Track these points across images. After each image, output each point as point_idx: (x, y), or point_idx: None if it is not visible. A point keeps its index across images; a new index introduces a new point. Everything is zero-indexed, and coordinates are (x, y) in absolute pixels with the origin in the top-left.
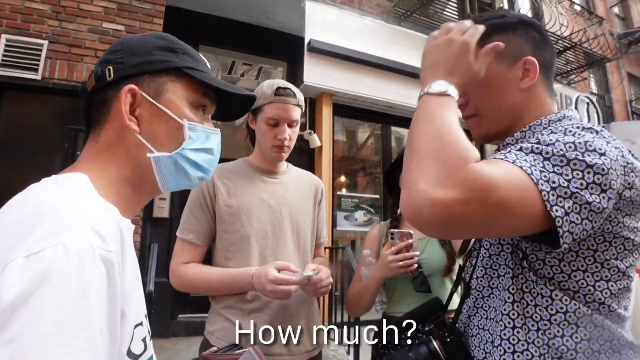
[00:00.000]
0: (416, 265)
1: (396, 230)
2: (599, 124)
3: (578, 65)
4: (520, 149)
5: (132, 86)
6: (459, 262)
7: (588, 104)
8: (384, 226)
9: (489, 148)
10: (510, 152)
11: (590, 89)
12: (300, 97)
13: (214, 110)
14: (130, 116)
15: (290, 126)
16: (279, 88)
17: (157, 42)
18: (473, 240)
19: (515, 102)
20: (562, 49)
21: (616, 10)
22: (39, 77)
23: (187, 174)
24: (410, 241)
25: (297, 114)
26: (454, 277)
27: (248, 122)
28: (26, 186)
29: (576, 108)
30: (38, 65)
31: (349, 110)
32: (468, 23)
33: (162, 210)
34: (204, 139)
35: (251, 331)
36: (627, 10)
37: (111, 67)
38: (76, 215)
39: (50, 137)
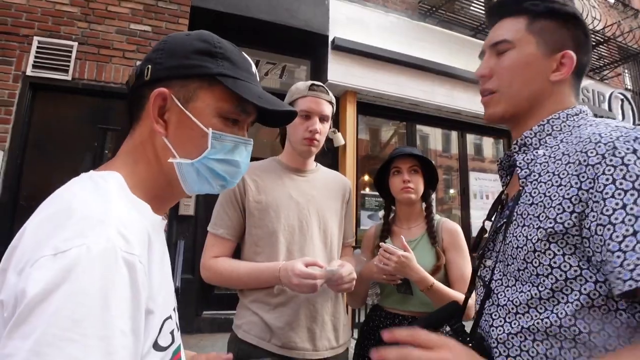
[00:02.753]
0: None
1: (390, 246)
2: (634, 121)
3: (611, 60)
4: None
5: (163, 89)
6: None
7: (622, 100)
8: (379, 226)
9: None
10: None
11: (624, 84)
12: (332, 96)
13: (251, 118)
14: (159, 119)
15: (321, 120)
16: (312, 84)
17: (197, 44)
18: (485, 238)
19: (540, 91)
20: (594, 43)
21: None
22: (69, 78)
23: (209, 181)
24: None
25: (328, 109)
26: (440, 280)
27: None
28: (57, 183)
29: (609, 104)
30: (68, 66)
31: (373, 108)
32: None
33: (188, 207)
34: (229, 149)
35: (277, 324)
36: None
37: (150, 66)
38: (103, 217)
39: (79, 136)
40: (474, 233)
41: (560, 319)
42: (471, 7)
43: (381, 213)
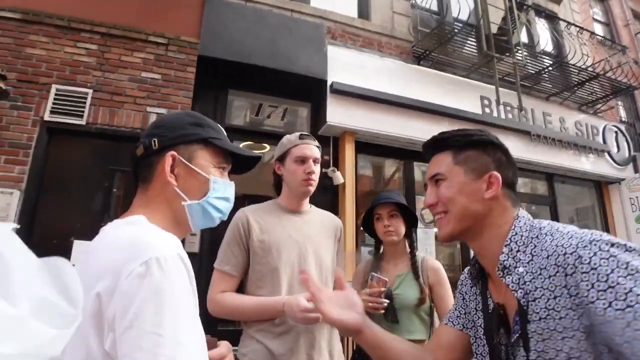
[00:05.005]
0: (385, 303)
1: (375, 275)
2: (630, 152)
3: (604, 94)
4: None
5: (173, 152)
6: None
7: (616, 132)
8: (368, 262)
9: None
10: None
11: (619, 116)
12: (317, 142)
13: (230, 167)
14: (170, 174)
15: (314, 162)
16: (301, 134)
17: (188, 119)
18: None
19: (480, 208)
20: (586, 79)
21: None
22: (83, 122)
23: (211, 216)
24: (382, 289)
25: (317, 152)
26: (424, 311)
27: (274, 170)
28: (69, 222)
29: (604, 137)
30: (83, 111)
31: (371, 148)
32: None
33: (193, 245)
34: (223, 189)
35: (280, 351)
36: None
37: (156, 139)
38: (163, 239)
39: (92, 177)
40: None
41: None
42: (463, 50)
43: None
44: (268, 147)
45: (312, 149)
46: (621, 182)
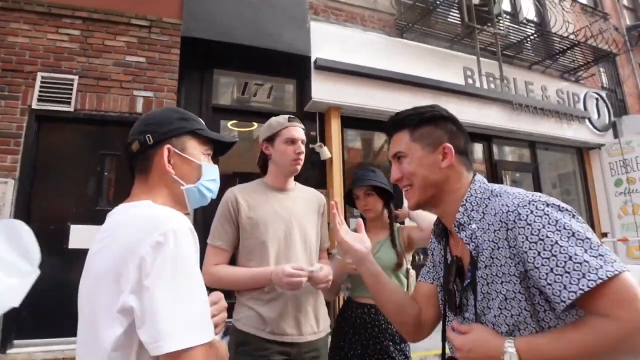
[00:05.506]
0: None
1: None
2: (610, 118)
3: (585, 62)
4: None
5: (168, 146)
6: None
7: (597, 99)
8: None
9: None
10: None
11: (601, 83)
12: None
13: (212, 152)
14: (168, 164)
15: (301, 143)
16: (289, 117)
17: (175, 114)
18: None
19: (438, 178)
20: (568, 46)
21: (624, 1)
22: (71, 109)
23: (205, 195)
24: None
25: (303, 135)
26: (402, 273)
27: (262, 150)
28: (64, 207)
29: (585, 104)
30: (70, 98)
31: (357, 122)
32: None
33: None
34: (212, 172)
35: (270, 316)
36: (636, 1)
37: (149, 135)
38: (175, 215)
39: (83, 162)
40: None
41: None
42: (446, 21)
43: None
44: (256, 124)
45: (299, 131)
46: (601, 148)
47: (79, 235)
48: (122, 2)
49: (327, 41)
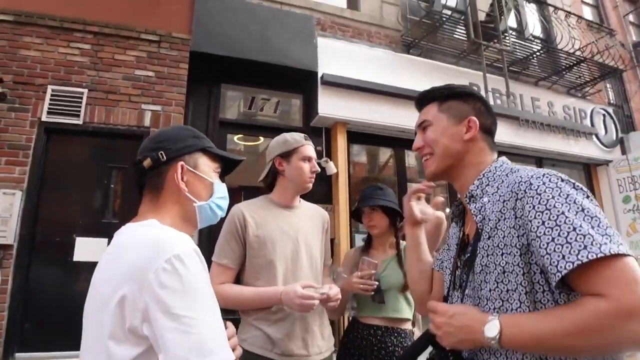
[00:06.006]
0: (376, 285)
1: (366, 259)
2: (617, 134)
3: (592, 78)
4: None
5: (182, 163)
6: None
7: (604, 115)
8: (357, 250)
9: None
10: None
11: (608, 99)
12: None
13: (221, 169)
14: (181, 181)
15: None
16: (304, 136)
17: (187, 132)
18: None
19: (459, 149)
20: (572, 63)
21: (630, 18)
22: (80, 122)
23: (215, 213)
24: (373, 271)
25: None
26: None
27: (274, 166)
28: (71, 219)
29: (592, 120)
30: (79, 111)
31: (363, 137)
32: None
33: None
34: (222, 190)
35: (277, 336)
36: None
37: (162, 152)
38: (179, 238)
39: (90, 175)
40: None
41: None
42: (452, 38)
43: None
44: (262, 139)
45: (313, 150)
46: (609, 164)
47: (83, 248)
48: (132, 17)
49: (334, 57)
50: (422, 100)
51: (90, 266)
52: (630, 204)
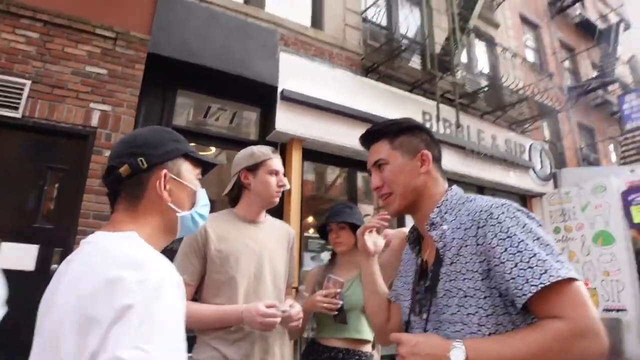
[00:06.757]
0: (340, 304)
1: (332, 276)
2: (551, 169)
3: (531, 115)
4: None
5: (165, 170)
6: None
7: (540, 151)
8: (321, 268)
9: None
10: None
11: (544, 136)
12: None
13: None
14: (163, 190)
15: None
16: (272, 149)
17: (166, 135)
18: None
19: (418, 183)
20: (515, 101)
21: (567, 64)
22: (19, 115)
23: (197, 223)
24: (338, 290)
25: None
26: None
27: (240, 178)
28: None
29: (529, 155)
30: (19, 103)
31: (318, 156)
32: None
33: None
34: (204, 197)
35: (235, 357)
36: (576, 64)
37: (142, 159)
38: (157, 260)
39: (24, 174)
40: None
41: (483, 334)
42: (409, 66)
43: (323, 254)
44: (214, 149)
45: (281, 163)
46: (542, 197)
47: (10, 254)
48: (88, 10)
49: (295, 73)
50: (370, 138)
51: (17, 275)
52: (560, 234)
